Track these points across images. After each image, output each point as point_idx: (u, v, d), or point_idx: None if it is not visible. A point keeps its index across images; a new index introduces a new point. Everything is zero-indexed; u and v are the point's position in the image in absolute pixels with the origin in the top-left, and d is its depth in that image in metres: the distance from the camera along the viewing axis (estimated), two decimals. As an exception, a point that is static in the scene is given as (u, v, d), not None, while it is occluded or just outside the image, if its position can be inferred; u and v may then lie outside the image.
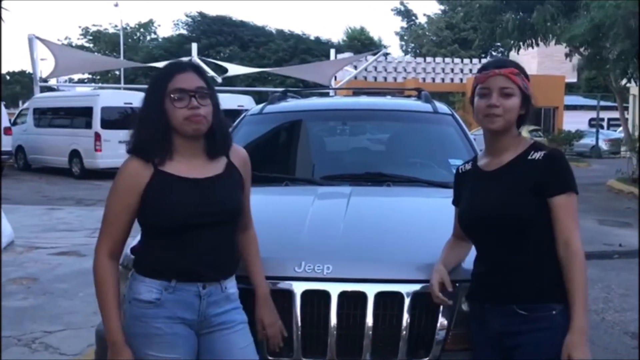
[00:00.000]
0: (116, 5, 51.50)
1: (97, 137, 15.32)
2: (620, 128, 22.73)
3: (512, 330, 1.91)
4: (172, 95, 1.88)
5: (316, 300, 2.13)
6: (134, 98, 16.62)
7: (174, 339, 1.90)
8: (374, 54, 25.24)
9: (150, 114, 1.91)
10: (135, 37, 48.85)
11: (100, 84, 36.55)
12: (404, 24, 47.92)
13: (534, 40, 15.52)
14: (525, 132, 2.13)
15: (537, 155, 1.94)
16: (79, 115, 16.04)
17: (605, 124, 32.63)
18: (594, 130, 27.83)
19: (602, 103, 27.63)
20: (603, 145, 26.74)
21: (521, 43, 15.58)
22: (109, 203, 1.95)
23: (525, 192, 1.90)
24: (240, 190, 2.03)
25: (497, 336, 1.95)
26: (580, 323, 1.83)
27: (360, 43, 41.47)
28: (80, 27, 51.27)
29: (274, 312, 2.09)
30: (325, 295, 2.12)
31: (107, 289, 1.91)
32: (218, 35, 40.50)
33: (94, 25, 47.07)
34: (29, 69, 26.65)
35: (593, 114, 29.39)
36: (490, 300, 1.96)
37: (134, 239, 2.51)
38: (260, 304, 2.08)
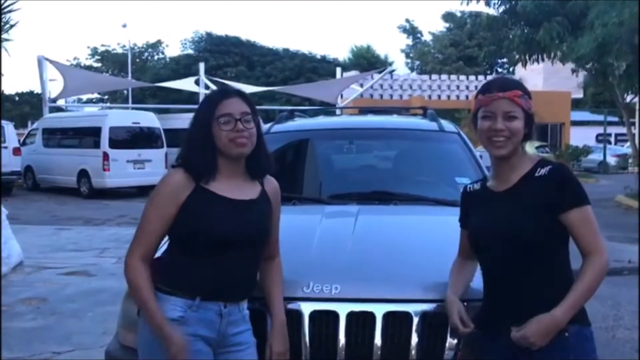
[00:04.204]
0: (124, 25, 51.98)
1: (105, 156, 15.43)
2: (628, 143, 22.66)
3: (525, 351, 1.87)
4: (219, 119, 1.99)
5: (325, 321, 2.13)
6: (142, 118, 16.87)
7: (195, 355, 1.93)
8: (380, 72, 25.36)
9: (198, 134, 2.02)
10: (143, 57, 49.32)
11: (108, 104, 36.87)
12: (410, 42, 48.23)
13: (540, 56, 15.55)
14: (531, 148, 2.14)
15: (543, 171, 1.92)
16: (88, 135, 16.18)
17: (612, 139, 32.55)
18: (601, 145, 27.75)
19: (609, 118, 27.58)
20: (611, 161, 26.65)
21: (527, 58, 15.61)
22: (146, 211, 2.00)
23: (536, 211, 1.87)
24: (270, 217, 2.11)
25: (504, 350, 1.92)
26: (558, 315, 1.81)
27: (367, 61, 41.71)
28: (88, 47, 51.79)
29: (286, 342, 2.10)
30: (334, 315, 2.12)
31: (145, 289, 1.94)
32: (225, 55, 40.88)
33: (102, 45, 47.50)
34: (37, 89, 26.97)
35: (600, 130, 29.34)
36: (503, 327, 1.91)
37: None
38: (275, 332, 2.10)
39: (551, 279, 1.89)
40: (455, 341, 2.12)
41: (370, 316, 2.11)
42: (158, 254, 2.26)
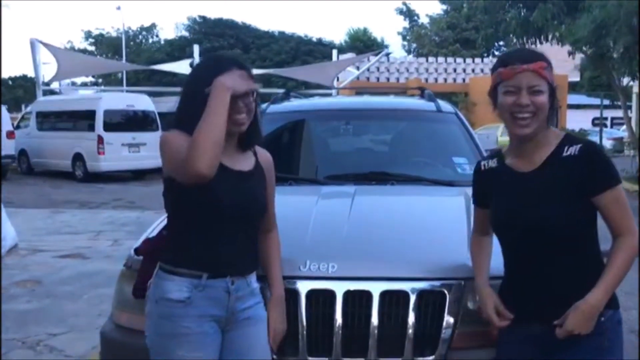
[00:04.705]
0: (118, 8, 51.78)
1: (100, 140, 15.34)
2: (624, 127, 22.69)
3: (561, 339, 1.79)
4: None
5: (321, 299, 2.12)
6: (137, 101, 16.73)
7: (202, 337, 1.90)
8: (376, 55, 25.21)
9: (194, 107, 1.85)
10: (137, 41, 48.94)
11: (102, 87, 36.63)
12: (407, 24, 47.94)
13: (536, 39, 15.48)
14: None
15: (572, 150, 1.79)
16: (82, 119, 16.06)
17: (608, 122, 32.58)
18: (597, 129, 27.76)
19: (606, 102, 27.57)
20: (607, 144, 26.69)
21: (524, 40, 15.54)
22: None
23: (568, 196, 1.77)
24: (265, 189, 2.07)
25: (539, 336, 1.84)
26: (594, 299, 1.74)
27: (363, 44, 41.49)
28: (82, 30, 51.52)
29: (284, 317, 2.08)
30: (331, 294, 2.11)
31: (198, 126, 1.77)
32: (220, 38, 40.59)
33: (96, 28, 47.30)
34: (31, 73, 26.71)
35: (596, 113, 29.32)
36: (533, 316, 1.84)
37: (137, 241, 2.50)
38: (273, 305, 2.08)
39: (582, 263, 1.82)
40: (452, 319, 2.11)
41: (367, 295, 2.10)
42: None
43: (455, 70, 30.31)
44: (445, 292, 2.11)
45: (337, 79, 21.72)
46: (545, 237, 1.80)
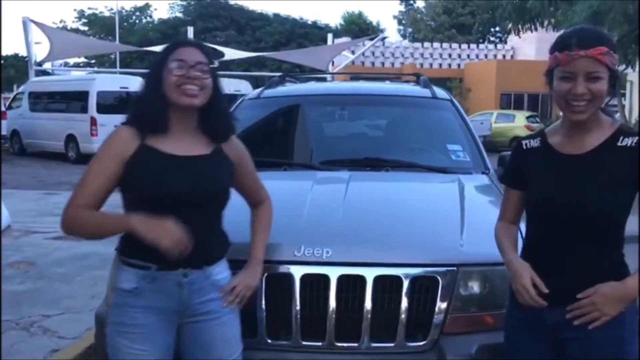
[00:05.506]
0: (111, -12, 51.00)
1: (93, 121, 15.24)
2: (618, 114, 22.79)
3: (572, 324, 1.74)
4: (170, 65, 1.86)
5: (315, 284, 2.14)
6: (130, 82, 16.57)
7: (147, 330, 1.86)
8: (372, 39, 25.11)
9: (149, 86, 1.89)
10: (130, 21, 48.45)
11: (95, 68, 36.32)
12: (402, 8, 47.72)
13: (532, 24, 15.45)
14: (522, 118, 2.02)
15: (629, 141, 1.74)
16: (75, 100, 15.94)
17: (602, 110, 32.69)
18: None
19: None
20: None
21: (520, 27, 15.50)
22: (89, 166, 1.89)
23: (620, 186, 1.73)
24: (227, 173, 1.97)
25: (552, 327, 1.79)
26: (632, 284, 1.70)
27: (358, 27, 41.28)
28: (75, 10, 50.96)
29: (255, 276, 2.01)
30: (325, 279, 2.13)
31: (95, 216, 1.85)
32: (214, 19, 40.25)
33: (89, 8, 46.75)
34: (23, 52, 26.47)
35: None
36: (559, 301, 1.75)
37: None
38: (248, 265, 2.02)
39: (619, 256, 1.79)
40: (444, 305, 2.14)
41: (361, 280, 2.12)
42: None
43: (450, 55, 30.29)
44: (438, 278, 2.14)
45: (332, 63, 21.62)
46: (589, 222, 1.74)
